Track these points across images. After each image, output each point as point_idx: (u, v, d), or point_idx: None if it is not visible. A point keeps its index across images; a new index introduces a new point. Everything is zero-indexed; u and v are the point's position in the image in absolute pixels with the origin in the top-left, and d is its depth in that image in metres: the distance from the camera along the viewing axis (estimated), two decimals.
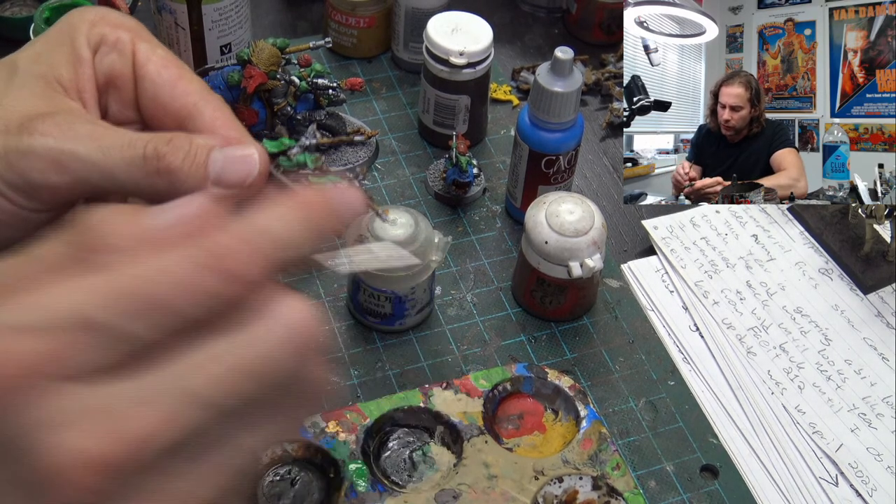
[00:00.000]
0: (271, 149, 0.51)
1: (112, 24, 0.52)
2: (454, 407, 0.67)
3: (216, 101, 0.52)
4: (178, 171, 0.45)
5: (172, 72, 0.51)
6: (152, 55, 0.52)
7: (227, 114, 0.52)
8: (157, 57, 0.52)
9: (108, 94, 0.53)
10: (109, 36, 0.52)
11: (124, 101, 0.53)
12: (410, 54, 0.93)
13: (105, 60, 0.52)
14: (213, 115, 0.51)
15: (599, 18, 0.98)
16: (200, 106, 0.51)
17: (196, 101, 0.51)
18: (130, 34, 0.52)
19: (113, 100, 0.53)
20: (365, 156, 0.86)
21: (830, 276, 0.80)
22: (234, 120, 0.52)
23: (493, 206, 0.84)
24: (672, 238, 0.82)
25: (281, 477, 0.64)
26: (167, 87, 0.51)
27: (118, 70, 0.52)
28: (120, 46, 0.52)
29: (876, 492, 0.67)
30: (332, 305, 0.75)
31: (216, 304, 0.36)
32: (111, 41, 0.52)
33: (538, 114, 0.75)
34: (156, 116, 0.52)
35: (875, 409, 0.72)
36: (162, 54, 0.52)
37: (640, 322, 0.77)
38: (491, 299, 0.77)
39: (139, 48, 0.52)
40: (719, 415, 0.71)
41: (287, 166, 0.52)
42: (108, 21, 0.52)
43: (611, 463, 0.65)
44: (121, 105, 0.53)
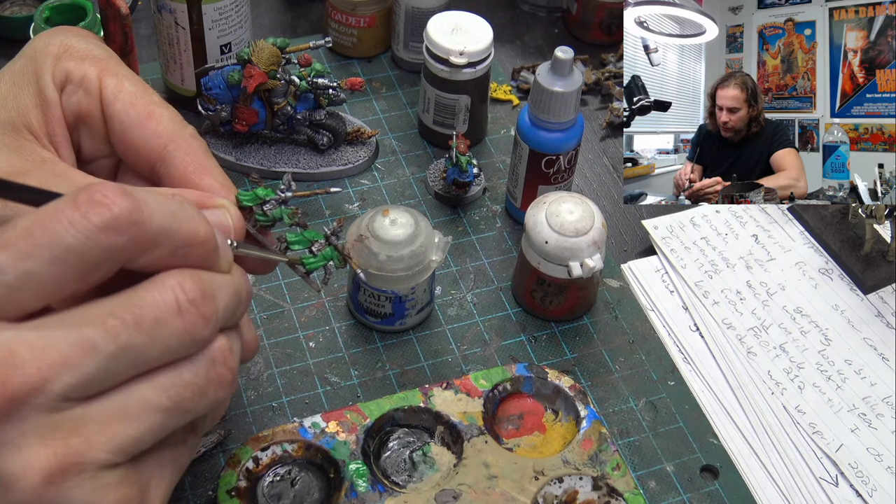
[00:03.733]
0: (245, 202, 0.50)
1: (77, 58, 0.51)
2: (454, 407, 0.67)
3: (187, 142, 0.50)
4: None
5: (140, 110, 0.51)
6: (119, 93, 0.51)
7: (199, 155, 0.50)
8: (124, 94, 0.51)
9: (78, 131, 0.52)
10: (75, 73, 0.51)
11: (95, 137, 0.52)
12: (410, 54, 0.93)
13: (72, 99, 0.51)
14: (184, 161, 0.50)
15: (599, 18, 0.98)
16: (171, 149, 0.50)
17: (165, 143, 0.50)
18: (97, 68, 0.51)
19: (84, 136, 0.52)
20: (365, 155, 0.86)
21: (830, 276, 0.80)
22: (207, 159, 0.51)
23: (493, 206, 0.84)
24: (672, 238, 0.82)
25: (281, 477, 0.64)
26: (135, 127, 0.50)
27: (85, 109, 0.51)
28: (86, 84, 0.51)
29: (876, 492, 0.67)
30: (332, 305, 0.75)
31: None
32: (77, 79, 0.51)
33: (538, 114, 0.75)
34: (127, 155, 0.52)
35: (875, 409, 0.72)
36: (130, 90, 0.51)
37: (640, 322, 0.77)
38: (491, 299, 0.77)
39: (105, 85, 0.51)
40: (719, 415, 0.72)
41: (263, 222, 0.51)
42: (73, 54, 0.51)
43: (611, 463, 0.66)
44: (92, 140, 0.52)
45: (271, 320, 0.74)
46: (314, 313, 0.75)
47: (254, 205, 0.50)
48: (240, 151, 0.84)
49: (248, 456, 0.63)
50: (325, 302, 0.76)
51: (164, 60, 0.86)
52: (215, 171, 0.51)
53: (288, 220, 0.52)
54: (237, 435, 0.67)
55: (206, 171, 0.50)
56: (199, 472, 0.65)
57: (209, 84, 0.80)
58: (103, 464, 0.40)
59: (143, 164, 0.51)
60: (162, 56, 0.86)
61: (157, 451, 0.44)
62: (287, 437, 0.65)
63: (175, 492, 0.63)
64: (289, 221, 0.52)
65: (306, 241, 0.53)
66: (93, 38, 0.53)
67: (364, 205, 0.83)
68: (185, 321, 0.41)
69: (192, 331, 0.41)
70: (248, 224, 0.50)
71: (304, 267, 0.53)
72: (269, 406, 0.69)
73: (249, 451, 0.63)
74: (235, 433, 0.67)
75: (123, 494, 0.41)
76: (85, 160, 0.53)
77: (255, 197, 0.50)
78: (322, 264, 0.53)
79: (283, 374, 0.71)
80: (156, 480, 0.44)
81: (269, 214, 0.51)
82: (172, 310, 0.41)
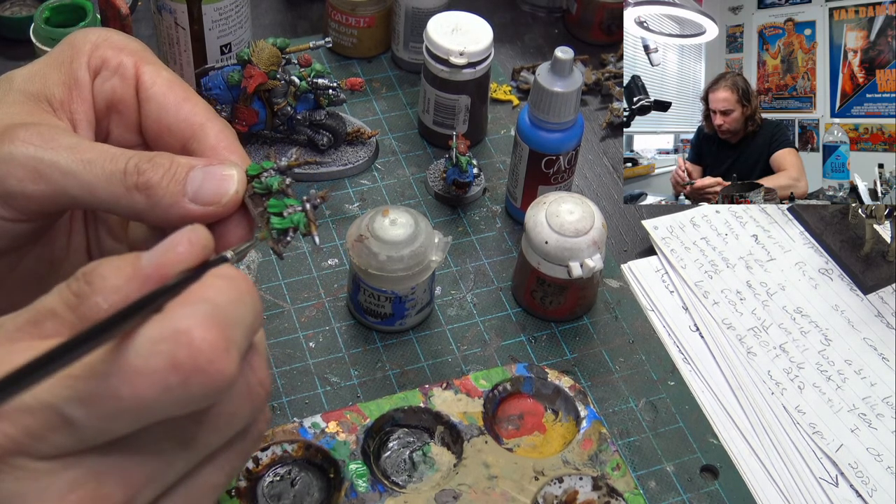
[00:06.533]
0: (251, 171, 0.51)
1: (115, 48, 0.52)
2: (454, 407, 0.67)
3: (221, 124, 0.51)
4: (157, 187, 0.45)
5: (178, 93, 0.51)
6: (157, 77, 0.51)
7: (231, 136, 0.51)
8: (161, 79, 0.51)
9: (109, 119, 0.52)
10: (112, 60, 0.51)
11: (126, 124, 0.53)
12: (410, 54, 0.93)
13: (106, 85, 0.51)
14: (218, 137, 0.51)
15: (599, 18, 0.98)
16: (207, 127, 0.51)
17: (202, 121, 0.51)
18: (133, 58, 0.52)
19: (115, 124, 0.53)
20: (365, 156, 0.86)
21: (830, 276, 0.80)
22: (237, 143, 0.52)
23: (493, 206, 0.84)
24: (672, 238, 0.82)
25: (281, 477, 0.64)
26: (172, 108, 0.51)
27: (119, 94, 0.51)
28: (122, 71, 0.51)
29: (876, 492, 0.67)
30: (332, 305, 0.75)
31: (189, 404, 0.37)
32: (113, 65, 0.51)
33: (538, 114, 0.75)
34: (160, 137, 0.52)
35: (875, 409, 0.72)
36: (167, 76, 0.52)
37: (640, 322, 0.77)
38: (491, 299, 0.77)
39: (143, 71, 0.51)
40: (719, 415, 0.71)
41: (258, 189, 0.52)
42: (112, 44, 0.52)
43: (611, 463, 0.66)
44: (123, 129, 0.53)
45: (271, 320, 0.74)
46: (314, 313, 0.75)
47: (255, 174, 0.51)
48: None
49: None
50: (325, 302, 0.76)
51: (164, 60, 0.86)
52: (243, 153, 0.52)
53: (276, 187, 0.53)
54: None
55: (234, 151, 0.51)
56: None
57: (209, 84, 0.80)
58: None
59: (174, 144, 0.52)
60: (162, 56, 0.86)
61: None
62: (287, 437, 0.65)
63: None
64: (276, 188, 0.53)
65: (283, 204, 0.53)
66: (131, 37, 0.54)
67: (364, 205, 0.83)
68: (254, 404, 0.40)
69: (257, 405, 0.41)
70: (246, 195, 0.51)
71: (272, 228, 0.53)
72: (269, 406, 0.69)
73: None
74: None
75: None
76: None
77: (261, 167, 0.51)
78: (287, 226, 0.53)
79: (283, 374, 0.71)
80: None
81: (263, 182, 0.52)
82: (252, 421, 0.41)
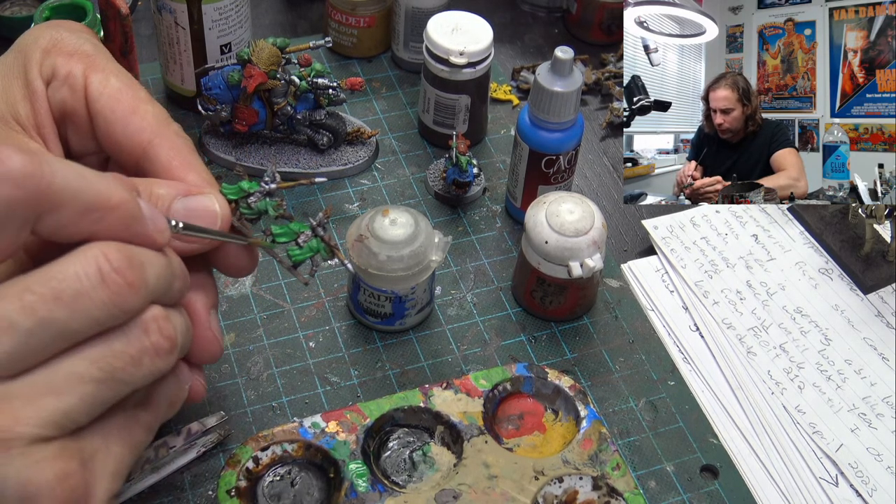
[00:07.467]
0: (230, 195, 0.50)
1: (66, 53, 0.51)
2: (454, 407, 0.67)
3: (171, 139, 0.50)
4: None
5: (125, 106, 0.50)
6: (105, 89, 0.50)
7: (184, 151, 0.50)
8: (109, 90, 0.50)
9: (65, 127, 0.52)
10: (61, 69, 0.50)
11: (81, 133, 0.52)
12: (410, 54, 0.93)
13: (57, 96, 0.51)
14: (168, 156, 0.50)
15: (599, 18, 0.98)
16: (155, 145, 0.50)
17: (149, 138, 0.50)
18: (83, 65, 0.50)
19: (71, 132, 0.52)
20: (365, 155, 0.86)
21: (830, 276, 0.80)
22: (191, 156, 0.50)
23: (493, 206, 0.84)
24: (672, 238, 0.82)
25: (281, 477, 0.64)
26: (119, 124, 0.50)
27: (70, 106, 0.51)
28: (71, 81, 0.50)
29: (876, 492, 0.67)
30: (332, 305, 0.75)
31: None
32: (62, 76, 0.50)
33: (538, 114, 0.75)
34: (113, 151, 0.52)
35: (875, 409, 0.72)
36: (116, 86, 0.50)
37: (640, 322, 0.77)
38: (491, 299, 0.77)
39: (91, 82, 0.50)
40: (719, 415, 0.71)
41: (248, 214, 0.50)
42: (62, 48, 0.51)
43: (611, 463, 0.66)
44: (79, 137, 0.52)
45: (271, 320, 0.74)
46: (314, 313, 0.75)
47: (238, 198, 0.50)
48: (240, 151, 0.84)
49: (247, 456, 0.63)
50: (325, 302, 0.76)
51: (164, 60, 0.86)
52: (199, 167, 0.50)
53: (273, 213, 0.51)
54: (237, 435, 0.67)
55: (189, 167, 0.50)
56: (199, 472, 0.65)
57: (209, 84, 0.80)
58: (33, 438, 0.40)
59: (128, 160, 0.51)
60: (162, 56, 0.86)
61: (100, 425, 0.43)
62: (287, 437, 0.65)
63: (174, 492, 0.64)
64: (274, 213, 0.51)
65: (292, 233, 0.52)
66: (84, 33, 0.53)
67: (364, 205, 0.83)
68: (111, 290, 0.40)
69: (118, 300, 0.41)
70: (234, 218, 0.50)
71: (291, 259, 0.52)
72: (269, 406, 0.69)
73: (249, 451, 0.63)
74: (235, 433, 0.67)
75: (61, 468, 0.40)
76: (73, 156, 0.53)
77: (240, 190, 0.50)
78: (308, 256, 0.52)
79: (283, 374, 0.71)
80: (101, 455, 0.43)
81: (253, 207, 0.50)
82: (95, 280, 0.40)
